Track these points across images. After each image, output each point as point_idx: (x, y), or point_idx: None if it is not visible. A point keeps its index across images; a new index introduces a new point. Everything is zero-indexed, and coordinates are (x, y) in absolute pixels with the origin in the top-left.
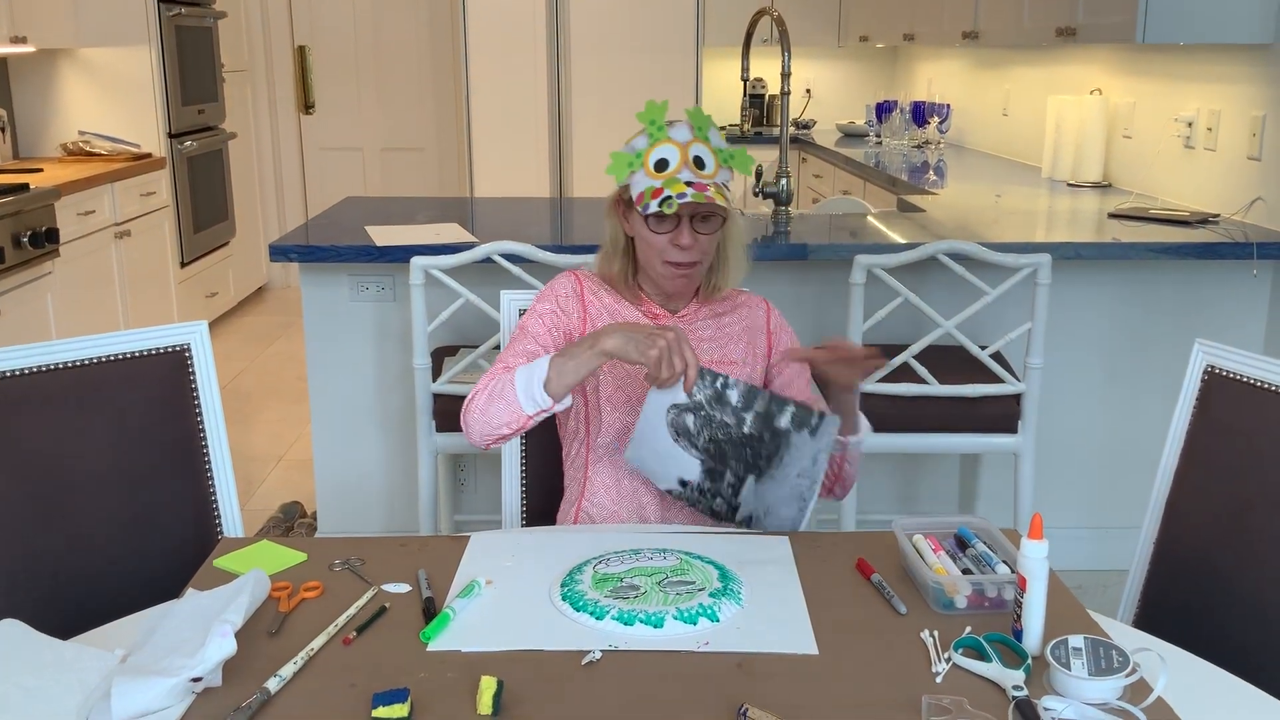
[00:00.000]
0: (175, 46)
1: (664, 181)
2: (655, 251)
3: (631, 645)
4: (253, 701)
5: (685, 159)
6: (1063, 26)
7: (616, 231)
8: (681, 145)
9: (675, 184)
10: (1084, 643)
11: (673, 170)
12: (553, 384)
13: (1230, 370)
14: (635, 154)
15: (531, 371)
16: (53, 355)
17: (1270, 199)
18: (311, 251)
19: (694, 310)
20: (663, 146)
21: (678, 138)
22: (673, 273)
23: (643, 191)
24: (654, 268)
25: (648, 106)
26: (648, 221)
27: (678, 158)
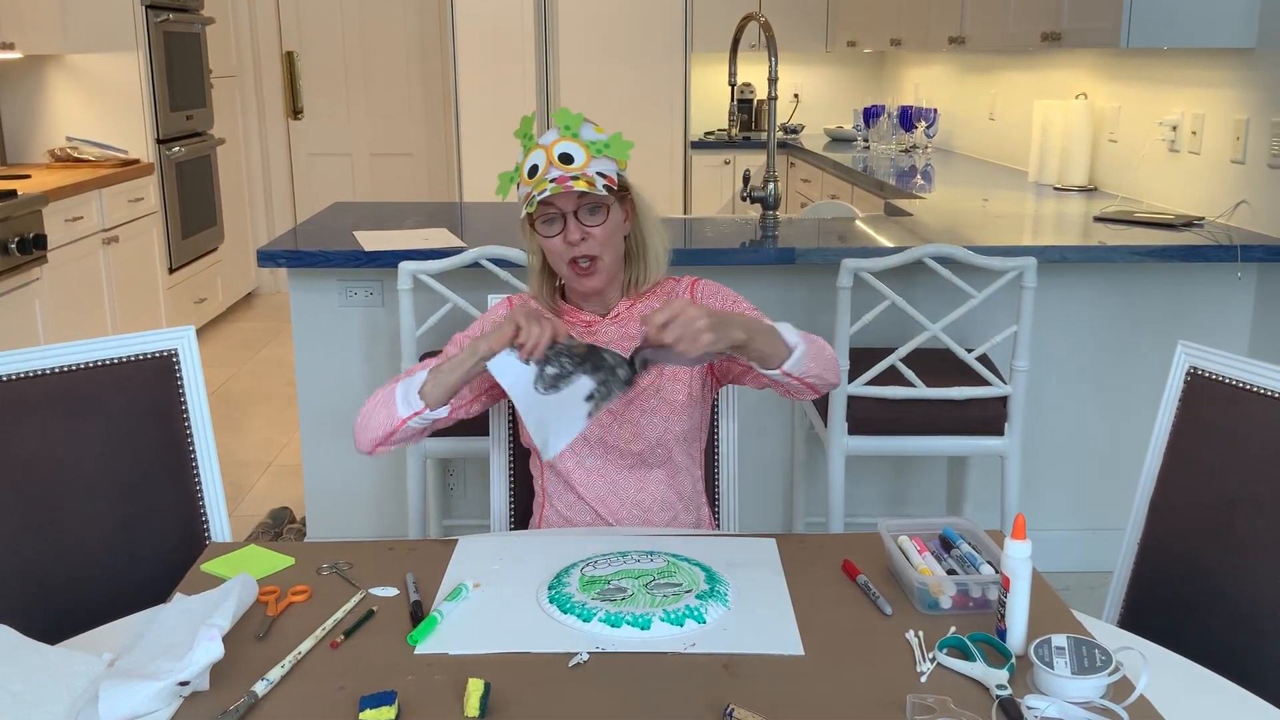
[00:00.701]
0: (163, 52)
1: (534, 185)
2: (557, 256)
3: (618, 647)
4: (240, 705)
5: (550, 158)
6: (1048, 31)
7: (534, 250)
8: (547, 147)
9: (541, 184)
10: (1067, 642)
11: (541, 173)
12: (428, 387)
13: (1212, 372)
14: (515, 169)
15: (412, 378)
16: (40, 361)
17: (1254, 202)
18: (300, 257)
19: (625, 308)
20: (533, 154)
21: (544, 142)
22: (576, 272)
23: (524, 197)
24: (563, 273)
25: (521, 122)
26: (538, 229)
27: (544, 159)
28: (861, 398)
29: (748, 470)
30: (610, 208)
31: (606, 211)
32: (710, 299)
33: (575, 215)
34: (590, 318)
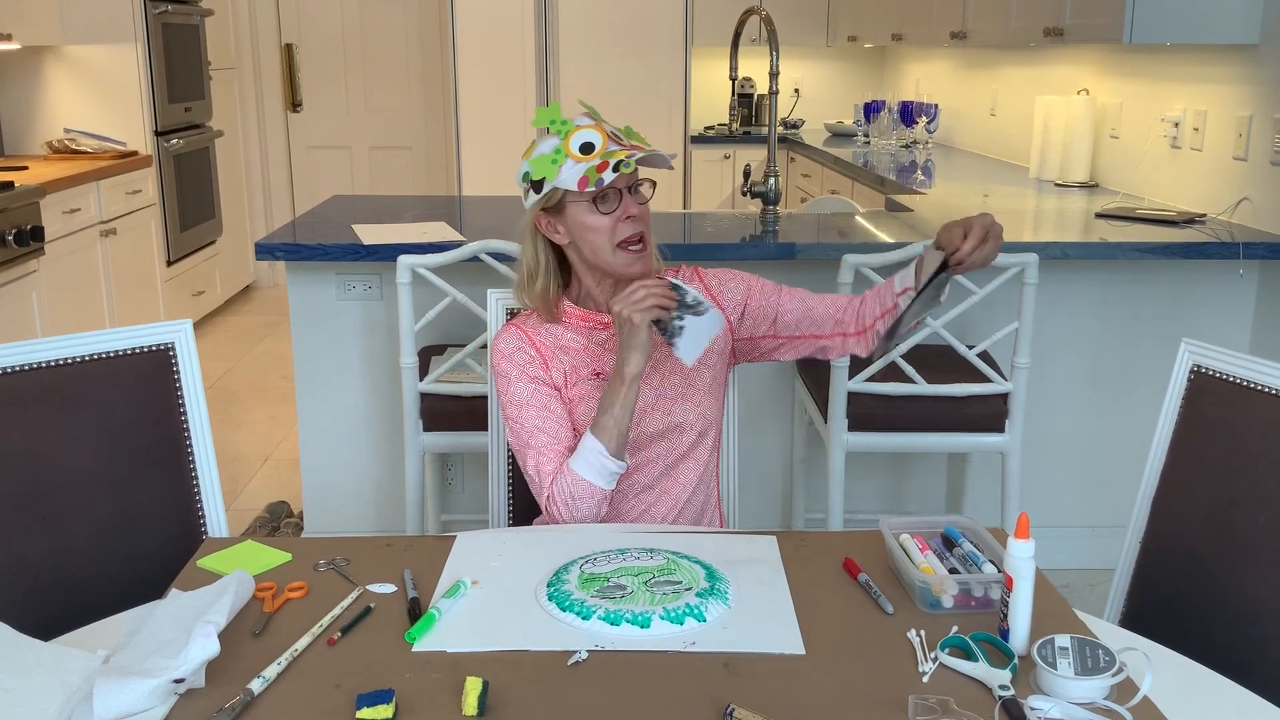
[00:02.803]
0: (162, 44)
1: (600, 156)
2: (606, 237)
3: (618, 645)
4: (236, 703)
5: (605, 134)
6: (1050, 27)
7: (538, 251)
8: (596, 125)
9: (613, 154)
10: (1070, 642)
11: (600, 147)
12: (614, 446)
13: (1216, 369)
14: (555, 151)
15: (589, 457)
16: (37, 354)
17: (1256, 199)
18: (298, 250)
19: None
20: (580, 133)
21: (583, 123)
22: (628, 254)
23: (584, 176)
24: (606, 257)
25: (539, 112)
26: (595, 206)
27: (599, 137)
28: (862, 394)
29: (747, 466)
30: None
31: (652, 187)
32: (723, 285)
33: (628, 191)
34: (607, 319)
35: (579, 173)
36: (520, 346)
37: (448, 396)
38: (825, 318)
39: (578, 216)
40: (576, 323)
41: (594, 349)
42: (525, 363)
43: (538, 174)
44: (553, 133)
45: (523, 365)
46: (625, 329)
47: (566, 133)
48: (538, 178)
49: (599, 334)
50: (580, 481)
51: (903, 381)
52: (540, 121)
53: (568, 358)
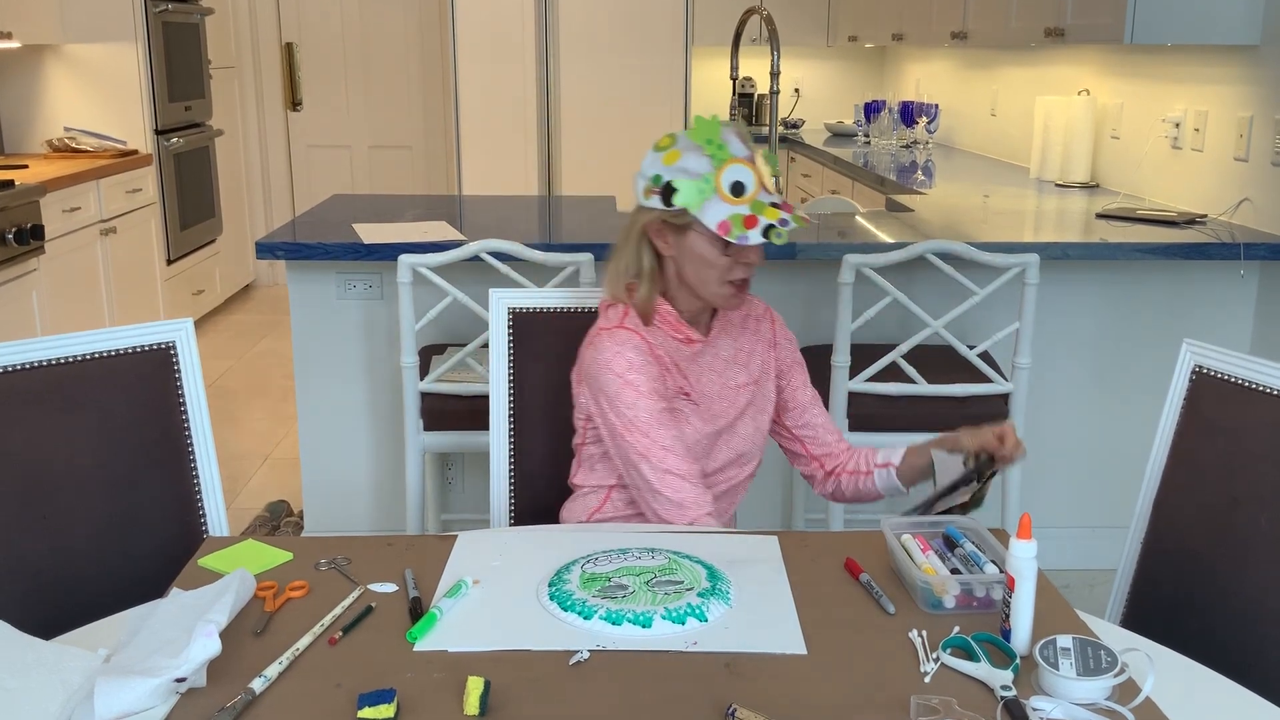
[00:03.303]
0: (162, 43)
1: (751, 207)
2: (718, 274)
3: (619, 645)
4: (237, 702)
5: (760, 179)
6: (1051, 27)
7: (642, 255)
8: (748, 162)
9: (764, 209)
10: (1072, 643)
11: (752, 193)
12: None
13: (1218, 370)
14: (703, 179)
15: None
16: (37, 353)
17: (1257, 200)
18: (299, 249)
19: (718, 328)
20: (734, 168)
21: (739, 154)
22: (732, 292)
23: (726, 221)
24: (709, 289)
25: (699, 124)
26: (722, 247)
27: (753, 180)
28: (862, 394)
29: None
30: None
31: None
32: (785, 343)
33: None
34: (695, 335)
35: (724, 215)
36: (646, 360)
37: (448, 396)
38: (816, 439)
39: (697, 245)
40: (666, 330)
41: (680, 363)
42: (654, 376)
43: (681, 200)
44: (707, 153)
45: (651, 379)
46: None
47: (721, 162)
48: (680, 204)
49: (684, 348)
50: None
51: (903, 381)
52: (697, 136)
53: (662, 372)
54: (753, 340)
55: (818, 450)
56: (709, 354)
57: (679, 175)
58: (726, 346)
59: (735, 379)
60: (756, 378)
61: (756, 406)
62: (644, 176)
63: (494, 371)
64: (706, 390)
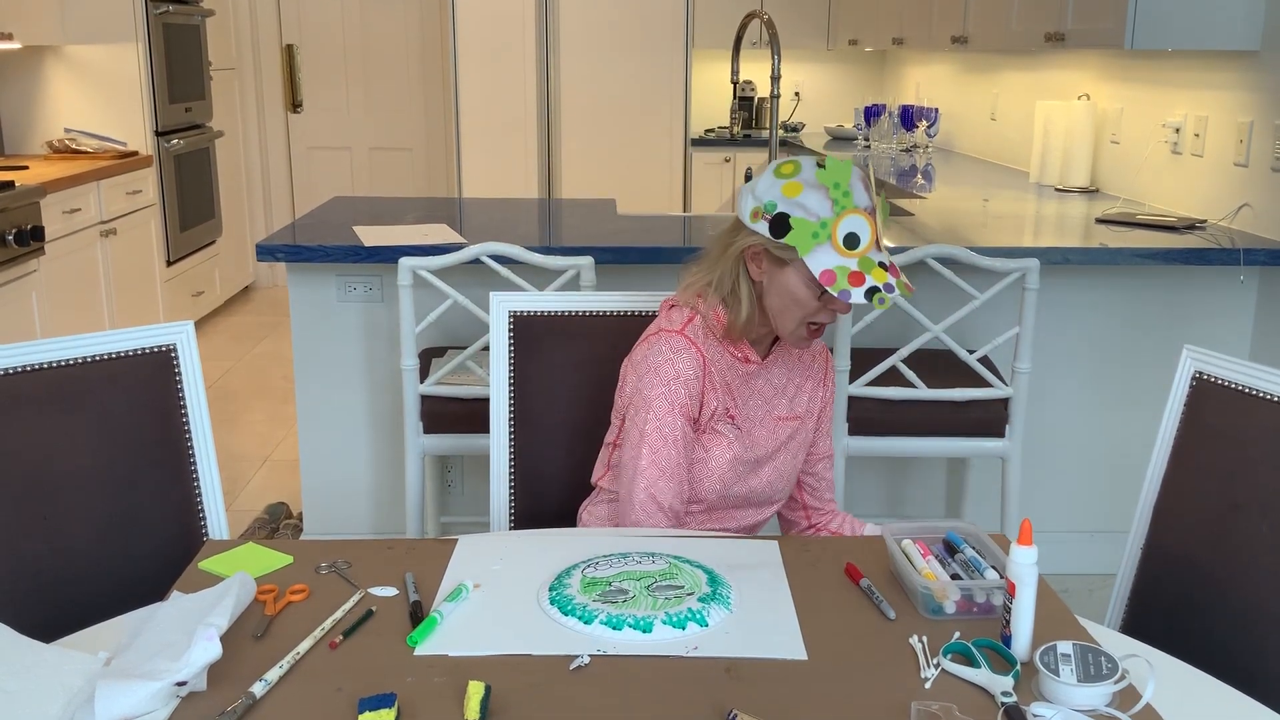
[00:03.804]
0: (162, 44)
1: (859, 263)
2: (801, 313)
3: (620, 650)
4: (238, 706)
5: (875, 236)
6: (1052, 32)
7: (742, 279)
8: (868, 215)
9: (872, 267)
10: (1073, 649)
11: (865, 248)
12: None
13: (1218, 376)
14: (820, 223)
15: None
16: (37, 355)
17: (1257, 205)
18: (299, 251)
19: (775, 355)
20: (852, 218)
21: (862, 204)
22: (810, 334)
23: (831, 270)
24: (787, 326)
25: (831, 165)
26: (816, 291)
27: (868, 233)
28: (862, 398)
29: None
30: None
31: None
32: (831, 380)
33: None
34: (754, 358)
35: (830, 263)
36: (696, 377)
37: (448, 399)
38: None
39: (790, 282)
40: (725, 346)
41: (731, 383)
42: (691, 396)
43: (793, 239)
44: (831, 196)
45: (688, 398)
46: None
47: (842, 210)
48: (791, 242)
49: (739, 366)
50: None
51: (903, 386)
52: (826, 178)
53: (715, 392)
54: (805, 376)
55: (813, 502)
56: (762, 379)
57: (797, 211)
58: (779, 375)
59: (781, 410)
60: (801, 414)
61: (798, 443)
62: (756, 198)
63: (494, 374)
64: (751, 415)
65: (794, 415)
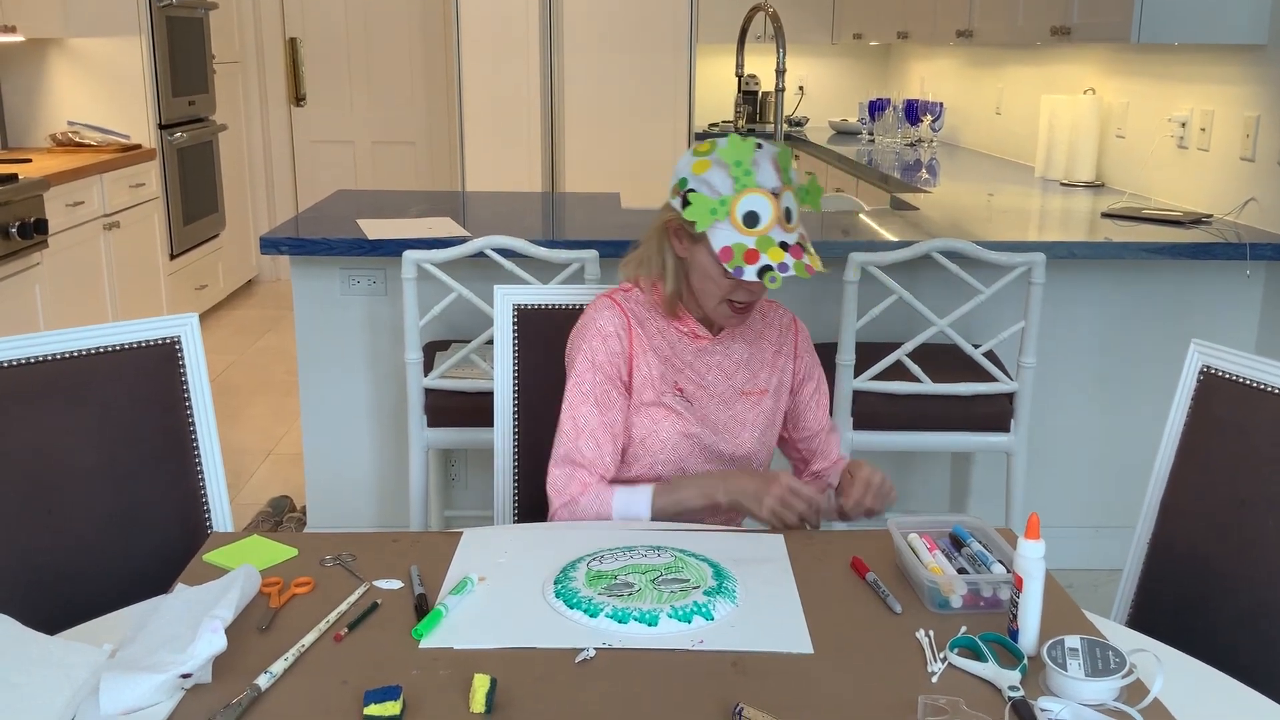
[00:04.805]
0: (166, 37)
1: (757, 241)
2: (718, 291)
3: (625, 643)
4: (243, 698)
5: (777, 213)
6: (1057, 26)
7: (666, 254)
8: (771, 195)
9: (770, 246)
10: (1080, 643)
11: (765, 227)
12: (659, 518)
13: (1226, 371)
14: (720, 200)
15: (632, 507)
16: (41, 347)
17: (1263, 200)
18: (303, 244)
19: (730, 330)
20: (752, 196)
21: (766, 184)
22: (732, 314)
23: (730, 248)
24: (709, 303)
25: (732, 143)
26: (723, 269)
27: (770, 212)
28: (867, 392)
29: None
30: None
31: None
32: (805, 353)
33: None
34: (703, 334)
35: (728, 241)
36: (618, 333)
37: (452, 392)
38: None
39: (704, 259)
40: (680, 329)
41: (683, 360)
42: (614, 352)
43: (691, 215)
44: (732, 175)
45: (609, 355)
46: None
47: (743, 188)
48: (690, 218)
49: (688, 343)
50: (606, 508)
51: (908, 380)
52: (728, 156)
53: (657, 362)
54: (772, 350)
55: (818, 466)
56: (719, 354)
57: (702, 188)
58: (739, 350)
59: (741, 384)
60: (767, 388)
61: (765, 419)
62: (676, 174)
63: (498, 368)
64: (707, 390)
65: (757, 390)
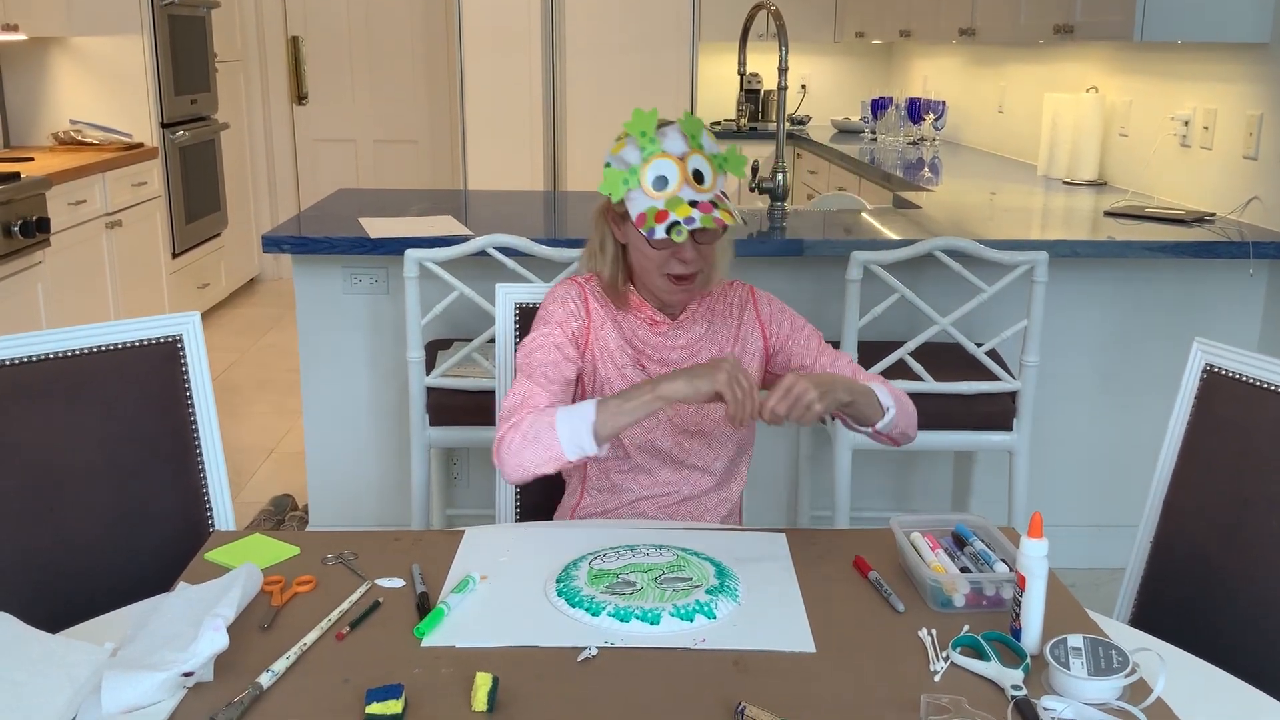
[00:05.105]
0: (168, 36)
1: (666, 202)
2: (655, 265)
3: (627, 642)
4: (245, 697)
5: (685, 175)
6: (1060, 24)
7: (606, 238)
8: (678, 159)
9: (679, 205)
10: (1083, 642)
11: (673, 189)
12: (602, 431)
13: (1229, 369)
14: (629, 169)
15: (576, 417)
16: (43, 346)
17: (1266, 198)
18: (305, 243)
19: (691, 310)
20: (659, 161)
21: (672, 150)
22: (672, 286)
23: (644, 213)
24: (652, 281)
25: (635, 115)
26: (653, 244)
27: (676, 174)
28: None
29: (753, 463)
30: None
31: (720, 231)
32: (773, 318)
33: (692, 234)
34: (660, 318)
35: (643, 206)
36: (575, 301)
37: (454, 391)
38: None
39: (634, 236)
40: (632, 311)
41: (645, 344)
42: (569, 316)
43: (605, 189)
44: (639, 145)
45: (566, 316)
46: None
47: (650, 155)
48: (604, 191)
49: (652, 331)
50: (550, 430)
51: (911, 379)
52: (632, 128)
53: (615, 335)
54: (735, 326)
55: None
56: (683, 336)
57: (616, 163)
58: (699, 330)
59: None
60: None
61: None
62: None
63: (500, 366)
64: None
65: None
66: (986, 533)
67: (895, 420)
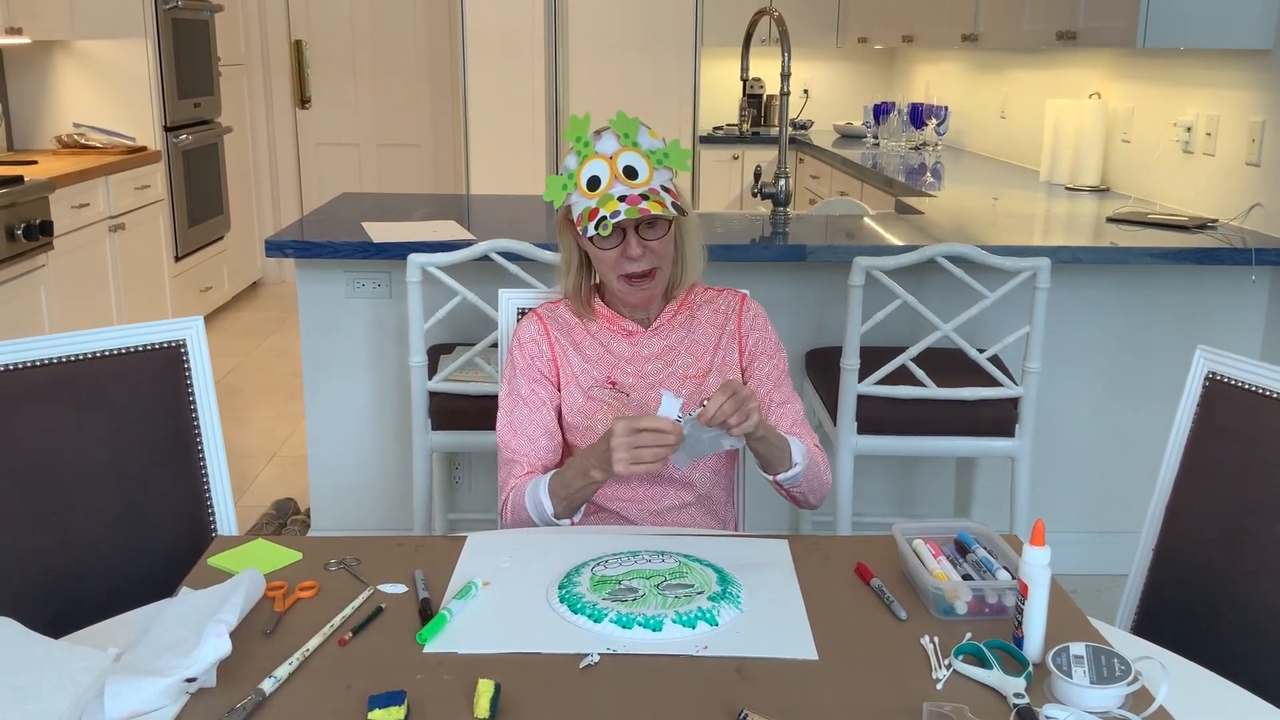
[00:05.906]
0: (171, 39)
1: (598, 200)
2: (609, 267)
3: (630, 648)
4: (247, 703)
5: (615, 172)
6: (1063, 30)
7: (570, 248)
8: (609, 158)
9: (608, 201)
10: (1086, 650)
11: (605, 187)
12: (564, 514)
13: (1232, 377)
14: (568, 175)
15: (540, 508)
16: (46, 350)
17: (1269, 205)
18: (308, 247)
19: (667, 318)
20: (592, 163)
21: (604, 150)
22: (629, 287)
23: (580, 214)
24: (612, 283)
25: (571, 123)
26: (595, 243)
27: (607, 173)
28: (871, 397)
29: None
30: (669, 223)
31: (667, 225)
32: (752, 331)
33: (636, 230)
34: (633, 328)
35: (580, 207)
36: (535, 339)
37: (456, 395)
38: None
39: (594, 243)
40: (603, 324)
41: (610, 357)
42: (534, 356)
43: (548, 195)
44: (575, 150)
45: (530, 359)
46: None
47: (584, 158)
48: (547, 198)
49: (625, 340)
50: (521, 509)
51: (913, 385)
52: (570, 135)
53: (579, 359)
54: (715, 333)
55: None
56: (657, 344)
57: (560, 171)
58: (676, 336)
59: (682, 368)
60: (710, 369)
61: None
62: None
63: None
64: (645, 380)
65: (700, 371)
66: (989, 540)
67: (799, 479)
